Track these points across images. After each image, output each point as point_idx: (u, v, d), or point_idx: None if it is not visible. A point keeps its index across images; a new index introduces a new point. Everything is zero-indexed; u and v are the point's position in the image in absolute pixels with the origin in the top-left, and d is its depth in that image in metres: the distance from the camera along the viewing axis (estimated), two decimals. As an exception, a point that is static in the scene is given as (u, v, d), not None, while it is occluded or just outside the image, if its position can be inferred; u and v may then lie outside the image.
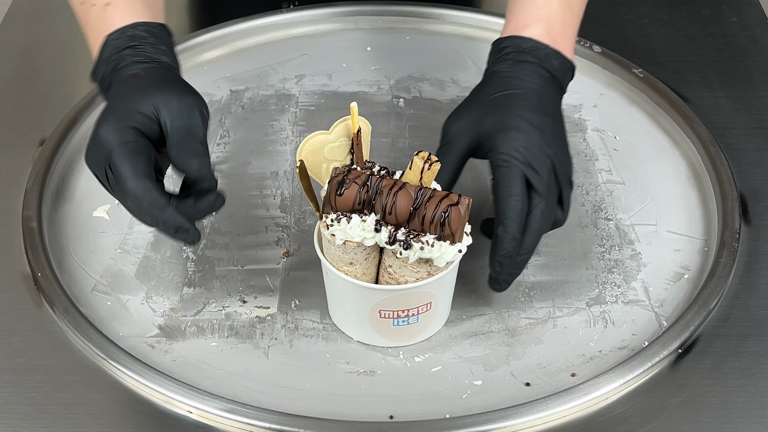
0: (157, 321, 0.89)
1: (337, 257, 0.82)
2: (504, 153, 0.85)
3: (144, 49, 0.89)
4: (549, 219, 0.86)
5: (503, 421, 0.79)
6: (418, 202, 0.79)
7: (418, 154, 0.80)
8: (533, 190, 0.85)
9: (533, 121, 0.87)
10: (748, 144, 1.07)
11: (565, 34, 0.94)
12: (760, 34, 1.24)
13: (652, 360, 0.84)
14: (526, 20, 0.93)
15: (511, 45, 0.92)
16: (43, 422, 0.81)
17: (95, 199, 1.01)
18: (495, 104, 0.89)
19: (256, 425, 0.79)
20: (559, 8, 0.94)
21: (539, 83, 0.90)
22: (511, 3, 0.97)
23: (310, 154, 0.84)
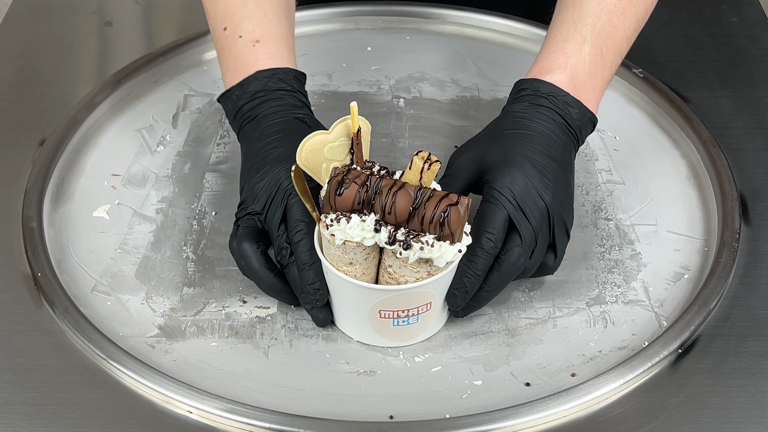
0: (157, 321, 0.89)
1: (337, 257, 0.81)
2: (495, 189, 0.85)
3: (288, 100, 0.94)
4: (529, 263, 0.85)
5: (503, 421, 0.79)
6: (418, 201, 0.78)
7: (418, 154, 0.80)
8: (515, 232, 0.84)
9: (536, 162, 0.86)
10: (748, 144, 1.07)
11: (590, 85, 0.92)
12: (760, 34, 1.24)
13: (652, 360, 0.84)
14: (551, 65, 0.92)
15: (530, 88, 0.92)
16: (43, 422, 0.81)
17: (95, 199, 1.01)
18: (501, 140, 0.89)
19: (256, 425, 0.79)
20: (589, 59, 0.92)
21: (551, 128, 0.89)
22: (543, 46, 0.95)
23: (310, 154, 0.83)
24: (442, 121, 1.12)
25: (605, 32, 0.93)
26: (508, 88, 1.15)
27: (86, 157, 1.06)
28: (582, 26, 0.93)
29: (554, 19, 0.97)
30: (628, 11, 0.94)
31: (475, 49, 1.22)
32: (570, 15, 0.94)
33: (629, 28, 0.95)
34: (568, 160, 0.90)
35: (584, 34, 0.93)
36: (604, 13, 0.93)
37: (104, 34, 1.27)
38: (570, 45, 0.92)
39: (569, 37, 0.93)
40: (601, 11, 0.93)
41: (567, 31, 0.93)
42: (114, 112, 1.12)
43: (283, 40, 0.97)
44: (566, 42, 0.93)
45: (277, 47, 0.96)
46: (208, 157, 1.07)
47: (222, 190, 1.03)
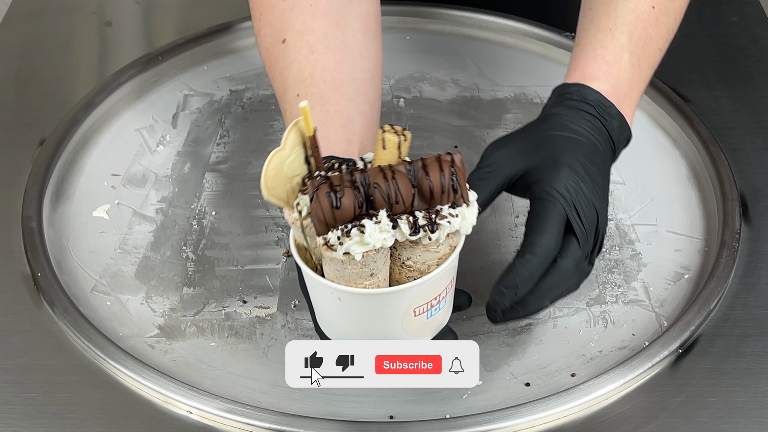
0: (156, 321, 0.89)
1: (355, 275, 0.73)
2: (551, 188, 0.80)
3: None
4: (578, 274, 0.81)
5: (503, 421, 0.79)
6: (416, 178, 0.72)
7: (386, 130, 0.74)
8: (572, 236, 0.79)
9: (588, 168, 0.82)
10: (749, 144, 1.07)
11: (629, 98, 0.89)
12: (760, 34, 1.24)
13: (653, 360, 0.84)
14: (594, 73, 0.89)
15: (576, 93, 0.88)
16: (43, 422, 0.81)
17: (95, 199, 1.01)
18: (550, 141, 0.84)
19: (256, 425, 0.79)
20: (629, 68, 0.90)
21: (597, 137, 0.86)
22: (579, 52, 0.92)
23: (274, 180, 0.73)
24: (442, 121, 1.12)
25: (642, 42, 0.90)
26: (509, 87, 1.16)
27: (86, 157, 1.06)
28: (619, 34, 0.90)
29: (586, 25, 0.93)
30: (660, 21, 0.92)
31: (475, 49, 1.22)
32: (605, 22, 0.90)
33: (662, 39, 0.93)
34: (608, 172, 0.86)
35: (622, 42, 0.90)
36: (639, 21, 0.90)
37: (104, 34, 1.27)
38: (609, 53, 0.89)
39: (607, 44, 0.89)
40: (636, 19, 0.90)
41: (604, 39, 0.90)
42: (114, 112, 1.12)
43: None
44: (605, 49, 0.89)
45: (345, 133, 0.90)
46: (208, 157, 1.07)
47: (222, 190, 1.03)
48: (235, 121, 1.12)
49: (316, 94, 0.90)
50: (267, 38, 0.95)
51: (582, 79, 0.88)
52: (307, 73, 0.91)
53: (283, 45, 0.93)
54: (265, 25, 0.95)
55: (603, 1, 0.92)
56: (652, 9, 0.91)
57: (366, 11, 0.97)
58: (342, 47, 0.93)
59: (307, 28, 0.93)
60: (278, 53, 0.94)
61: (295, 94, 0.91)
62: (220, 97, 1.15)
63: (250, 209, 1.01)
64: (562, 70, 1.18)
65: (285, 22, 0.93)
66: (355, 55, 0.94)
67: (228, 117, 1.13)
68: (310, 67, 0.91)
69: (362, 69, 0.94)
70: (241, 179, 1.04)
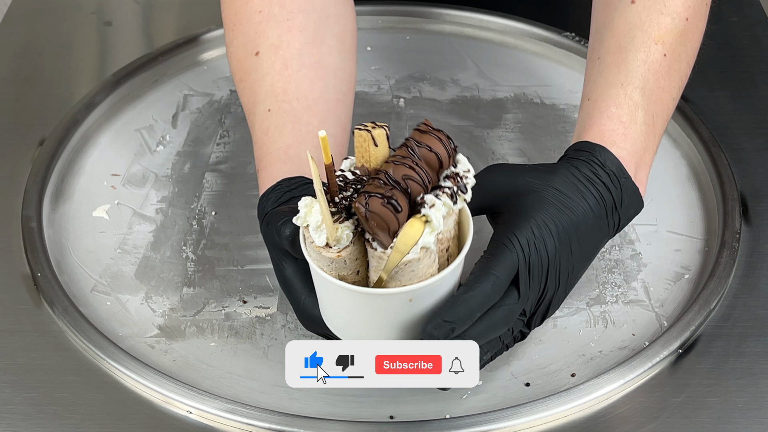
0: (156, 321, 0.89)
1: (425, 267, 0.72)
2: (513, 235, 0.76)
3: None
4: (509, 328, 0.78)
5: (503, 422, 0.79)
6: (419, 157, 0.72)
7: (369, 131, 0.72)
8: (515, 288, 0.76)
9: (565, 236, 0.78)
10: (749, 144, 1.07)
11: (645, 162, 0.86)
12: (760, 34, 1.24)
13: (653, 360, 0.84)
14: (612, 135, 0.84)
15: (599, 155, 0.83)
16: (42, 422, 0.81)
17: (95, 199, 1.01)
18: (540, 197, 0.80)
19: (256, 425, 0.79)
20: (644, 129, 0.85)
21: (597, 211, 0.81)
22: (589, 105, 0.87)
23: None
24: (442, 121, 1.12)
25: (654, 95, 0.87)
26: (509, 87, 1.16)
27: (86, 157, 1.06)
28: (632, 89, 0.86)
29: (596, 77, 0.89)
30: (673, 69, 0.89)
31: (475, 49, 1.22)
32: (616, 76, 0.87)
33: (674, 87, 0.89)
34: (593, 251, 0.82)
35: (635, 99, 0.86)
36: (651, 73, 0.87)
37: (104, 34, 1.27)
38: (624, 112, 0.85)
39: (621, 103, 0.85)
40: (648, 71, 0.87)
41: (617, 95, 0.86)
42: (114, 112, 1.12)
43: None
44: (619, 108, 0.85)
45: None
46: (207, 157, 1.07)
47: (222, 190, 1.03)
48: (235, 121, 1.12)
49: (288, 111, 0.89)
50: (239, 50, 0.94)
51: (601, 140, 0.84)
52: (280, 89, 0.90)
53: (256, 58, 0.92)
54: (238, 36, 0.94)
55: (612, 51, 0.89)
56: (663, 57, 0.88)
57: (342, 30, 0.96)
58: (317, 65, 0.92)
59: (283, 43, 0.92)
60: (250, 66, 0.93)
61: (266, 109, 0.90)
62: (220, 97, 1.15)
63: (250, 209, 1.00)
64: (562, 70, 1.19)
65: (259, 34, 0.93)
66: (329, 75, 0.93)
67: (228, 117, 1.13)
68: (283, 83, 0.90)
69: (335, 90, 0.93)
70: (241, 179, 1.04)
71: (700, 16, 0.92)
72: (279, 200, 0.83)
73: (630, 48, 0.88)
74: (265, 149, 0.89)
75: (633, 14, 0.89)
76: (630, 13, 0.89)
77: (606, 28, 0.91)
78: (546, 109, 1.14)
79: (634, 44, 0.88)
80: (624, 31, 0.89)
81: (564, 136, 1.09)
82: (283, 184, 0.84)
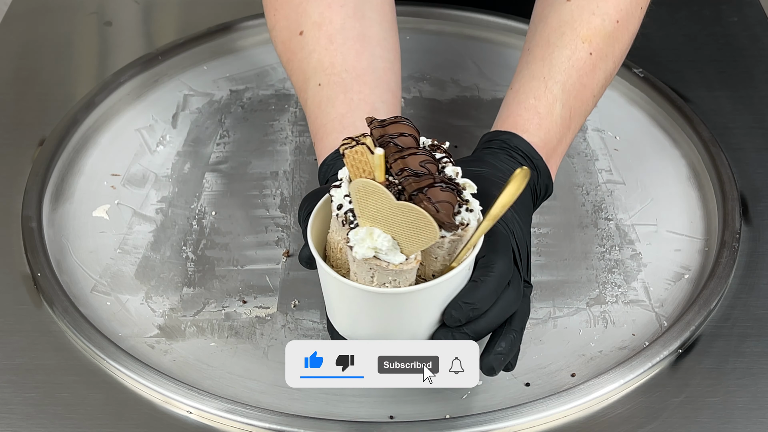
0: (156, 321, 0.89)
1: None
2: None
3: None
4: (521, 304, 0.79)
5: (503, 421, 0.79)
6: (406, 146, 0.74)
7: (356, 147, 0.73)
8: (515, 266, 0.78)
9: (513, 212, 0.80)
10: (749, 144, 1.07)
11: (557, 153, 0.89)
12: (760, 34, 1.24)
13: (653, 360, 0.84)
14: (526, 124, 0.87)
15: (508, 141, 0.86)
16: (42, 422, 0.81)
17: (95, 199, 1.01)
18: (484, 179, 0.80)
19: (256, 425, 0.79)
20: (560, 121, 0.88)
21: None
22: (511, 99, 0.90)
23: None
24: (442, 121, 1.12)
25: (575, 91, 0.89)
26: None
27: (86, 157, 1.06)
28: (552, 83, 0.89)
29: (522, 68, 0.92)
30: (597, 68, 0.91)
31: (475, 49, 1.22)
32: (539, 69, 0.90)
33: (597, 85, 0.92)
34: (528, 222, 0.84)
35: (555, 92, 0.88)
36: (574, 70, 0.89)
37: (104, 34, 1.27)
38: (542, 104, 0.88)
39: (540, 95, 0.88)
40: (571, 68, 0.89)
41: (537, 88, 0.89)
42: (114, 112, 1.12)
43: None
44: (538, 100, 0.88)
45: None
46: (207, 157, 1.07)
47: (222, 190, 1.03)
48: (235, 121, 1.12)
49: (338, 83, 0.90)
50: (283, 32, 0.95)
51: (514, 128, 0.87)
52: (327, 63, 0.91)
53: (301, 37, 0.93)
54: (280, 20, 0.96)
55: (541, 45, 0.92)
56: (589, 56, 0.90)
57: (382, 2, 0.98)
58: (360, 38, 0.93)
59: (325, 20, 0.93)
60: (296, 45, 0.94)
61: (317, 83, 0.91)
62: (220, 97, 1.15)
63: (250, 209, 1.01)
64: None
65: (301, 14, 0.94)
66: (374, 45, 0.94)
67: (228, 117, 1.13)
68: (330, 57, 0.92)
69: (382, 59, 0.94)
70: (241, 179, 1.04)
71: (632, 19, 0.94)
72: (337, 168, 0.84)
73: (557, 44, 0.90)
74: (320, 122, 0.90)
75: (566, 11, 0.92)
76: (564, 10, 0.92)
77: (540, 21, 0.94)
78: (546, 109, 1.13)
79: (562, 41, 0.91)
80: (555, 26, 0.92)
81: (564, 136, 1.09)
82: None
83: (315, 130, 0.91)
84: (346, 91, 0.90)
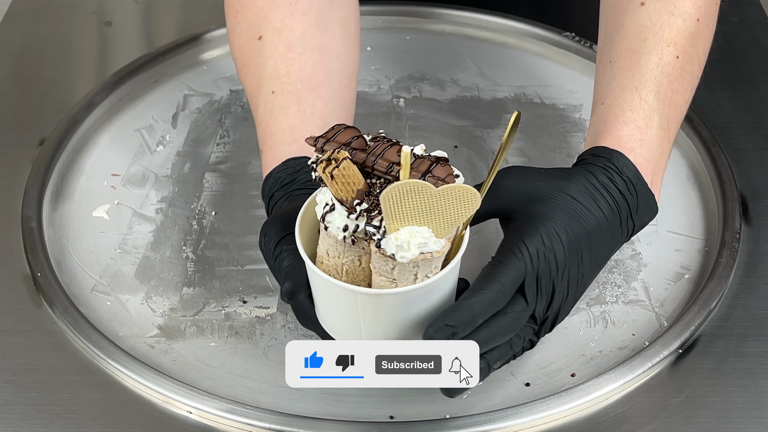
0: (156, 321, 0.89)
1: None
2: (523, 243, 0.75)
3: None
4: (516, 334, 0.77)
5: (503, 421, 0.79)
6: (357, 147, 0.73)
7: (345, 163, 0.70)
8: (522, 296, 0.75)
9: (573, 247, 0.77)
10: (749, 144, 1.07)
11: (660, 167, 0.85)
12: (760, 34, 1.24)
13: (653, 360, 0.84)
14: (629, 141, 0.83)
15: (617, 161, 0.82)
16: (42, 422, 0.81)
17: (95, 199, 1.01)
18: (554, 203, 0.79)
19: (256, 425, 0.79)
20: (659, 134, 0.84)
21: (612, 218, 0.80)
22: (604, 109, 0.86)
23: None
24: (442, 121, 1.12)
25: (668, 99, 0.86)
26: (509, 87, 1.16)
27: (86, 157, 1.06)
28: (646, 93, 0.85)
29: (608, 82, 0.88)
30: (685, 71, 0.87)
31: (475, 49, 1.22)
32: (630, 80, 0.86)
33: (687, 90, 0.88)
34: (604, 259, 0.81)
35: (650, 103, 0.85)
36: (664, 76, 0.86)
37: (104, 34, 1.27)
38: (640, 117, 0.84)
39: (636, 107, 0.85)
40: (661, 74, 0.86)
41: (632, 99, 0.85)
42: (113, 112, 1.12)
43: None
44: (635, 113, 0.84)
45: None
46: (207, 157, 1.07)
47: (222, 190, 1.03)
48: (235, 121, 1.12)
49: (292, 92, 0.89)
50: (242, 35, 0.94)
51: (618, 145, 0.83)
52: (283, 71, 0.90)
53: (259, 42, 0.92)
54: (240, 22, 0.94)
55: (624, 54, 0.88)
56: (676, 60, 0.87)
57: (346, 15, 0.96)
58: (320, 49, 0.92)
59: (286, 27, 0.92)
60: (253, 50, 0.93)
61: (270, 91, 0.90)
62: (220, 97, 1.15)
63: (250, 209, 1.01)
64: (562, 70, 1.19)
65: (262, 19, 0.93)
66: (333, 58, 0.93)
67: (228, 117, 1.13)
68: (287, 65, 0.90)
69: (339, 73, 0.93)
70: (241, 179, 1.04)
71: (710, 16, 0.91)
72: (284, 181, 0.83)
73: (642, 51, 0.87)
74: (270, 130, 0.89)
75: (643, 16, 0.88)
76: (640, 15, 0.89)
77: (616, 31, 0.90)
78: (546, 109, 1.14)
79: (646, 47, 0.87)
80: (635, 33, 0.88)
81: (564, 136, 1.09)
82: (289, 164, 0.85)
83: (264, 138, 0.90)
84: (299, 103, 0.89)
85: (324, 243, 0.74)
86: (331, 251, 0.74)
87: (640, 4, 0.89)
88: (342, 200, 0.71)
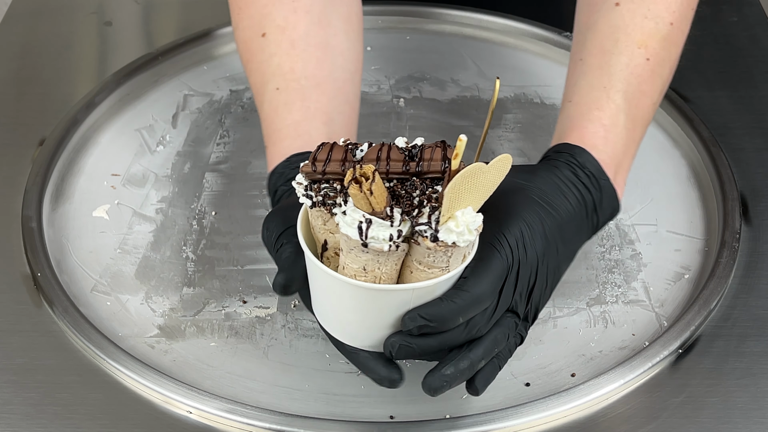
0: (156, 321, 0.89)
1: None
2: (502, 235, 0.74)
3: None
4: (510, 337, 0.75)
5: (503, 421, 0.79)
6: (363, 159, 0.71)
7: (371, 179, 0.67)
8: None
9: (548, 235, 0.77)
10: (749, 144, 1.07)
11: (623, 167, 0.86)
12: (760, 34, 1.24)
13: (653, 360, 0.84)
14: (593, 139, 0.84)
15: (578, 156, 0.83)
16: (42, 422, 0.81)
17: (95, 199, 1.01)
18: (526, 199, 0.78)
19: (256, 425, 0.79)
20: (624, 133, 0.85)
21: (579, 212, 0.81)
22: (571, 107, 0.87)
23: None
24: (442, 121, 1.12)
25: (636, 100, 0.87)
26: (508, 87, 1.16)
27: (86, 157, 1.06)
28: (614, 93, 0.86)
29: (577, 79, 0.89)
30: (655, 74, 0.88)
31: (475, 49, 1.22)
32: (599, 79, 0.87)
33: (656, 92, 0.89)
34: (574, 251, 0.81)
35: (618, 102, 0.86)
36: (634, 77, 0.87)
37: (104, 34, 1.27)
38: (606, 115, 0.85)
39: (603, 106, 0.86)
40: (631, 75, 0.87)
41: (599, 98, 0.86)
42: (114, 112, 1.12)
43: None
44: (601, 111, 0.85)
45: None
46: (207, 157, 1.07)
47: (222, 190, 1.03)
48: (235, 121, 1.12)
49: (297, 89, 0.90)
50: (246, 32, 0.94)
51: (581, 142, 0.84)
52: (287, 68, 0.91)
53: (263, 39, 0.92)
54: (244, 19, 0.95)
55: (595, 53, 0.89)
56: (646, 62, 0.88)
57: (349, 11, 0.97)
58: (323, 46, 0.92)
59: (289, 24, 0.92)
60: (257, 47, 0.93)
61: (274, 87, 0.90)
62: (220, 97, 1.15)
63: (250, 209, 1.01)
64: (562, 70, 1.18)
65: (265, 16, 0.93)
66: (336, 55, 0.93)
67: (228, 117, 1.13)
68: (290, 62, 0.91)
69: (343, 69, 0.93)
70: (241, 179, 1.04)
71: (685, 21, 0.91)
72: (288, 176, 0.84)
73: (613, 51, 0.88)
74: (274, 126, 0.90)
75: (617, 16, 0.89)
76: (614, 15, 0.89)
77: (589, 29, 0.91)
78: (546, 109, 1.14)
79: (617, 47, 0.88)
80: (607, 33, 0.89)
81: (564, 136, 1.09)
82: (293, 159, 0.85)
83: (268, 134, 0.90)
84: (303, 99, 0.89)
85: (358, 261, 0.70)
86: (369, 266, 0.70)
87: (614, 4, 0.90)
88: (376, 212, 0.68)
